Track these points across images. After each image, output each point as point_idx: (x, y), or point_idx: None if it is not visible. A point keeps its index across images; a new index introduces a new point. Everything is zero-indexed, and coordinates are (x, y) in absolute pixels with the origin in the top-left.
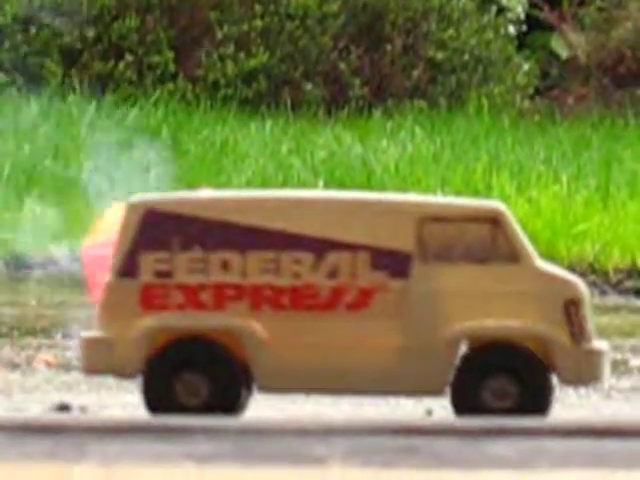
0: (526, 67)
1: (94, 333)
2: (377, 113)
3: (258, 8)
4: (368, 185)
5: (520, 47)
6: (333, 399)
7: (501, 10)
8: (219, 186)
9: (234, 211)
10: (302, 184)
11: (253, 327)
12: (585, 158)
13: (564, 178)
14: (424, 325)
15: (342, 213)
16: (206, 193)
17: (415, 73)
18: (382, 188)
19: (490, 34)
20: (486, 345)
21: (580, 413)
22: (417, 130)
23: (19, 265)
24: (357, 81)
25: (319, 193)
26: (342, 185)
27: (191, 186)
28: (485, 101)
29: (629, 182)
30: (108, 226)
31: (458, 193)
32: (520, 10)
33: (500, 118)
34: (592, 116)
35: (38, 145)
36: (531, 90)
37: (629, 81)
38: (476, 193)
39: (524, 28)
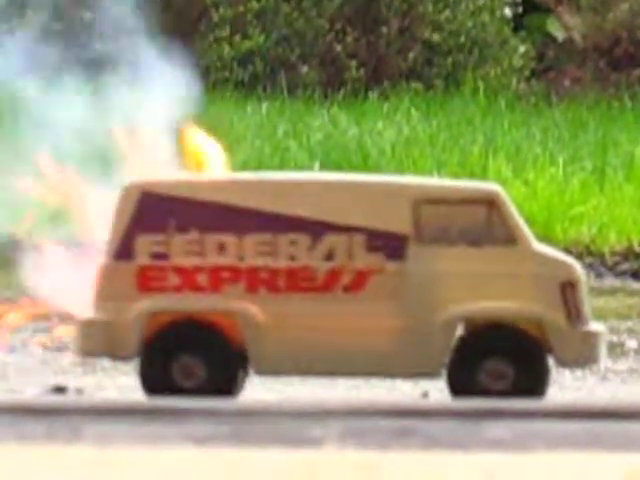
0: (522, 49)
1: (90, 315)
2: (373, 95)
3: None
4: (364, 167)
5: (516, 29)
6: (329, 381)
7: None
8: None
9: (230, 193)
10: (298, 166)
11: (249, 309)
12: (581, 141)
13: (560, 161)
14: (420, 307)
15: (338, 195)
16: (202, 175)
17: (411, 55)
18: (378, 170)
19: (486, 16)
20: (482, 327)
21: (576, 395)
22: (413, 112)
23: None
24: (353, 63)
25: (315, 175)
26: (338, 167)
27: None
28: (481, 83)
29: (625, 164)
30: None
31: (454, 175)
32: None
33: (496, 100)
34: (588, 99)
35: None
36: (527, 72)
37: (625, 63)
38: (472, 175)
39: (520, 10)
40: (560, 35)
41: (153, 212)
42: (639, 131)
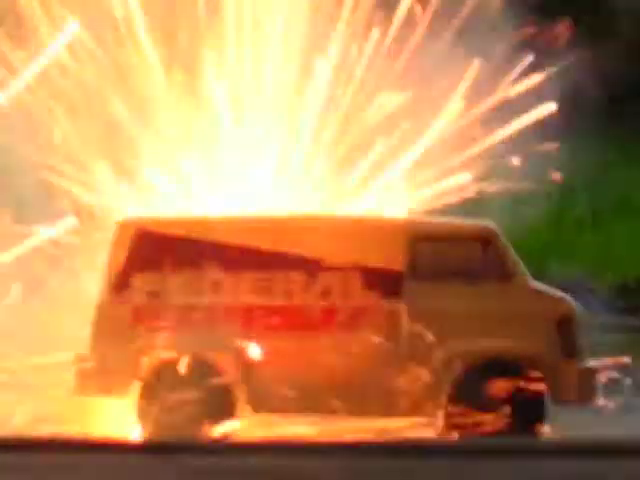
0: None
1: (86, 352)
2: None
3: None
4: None
5: None
6: (326, 419)
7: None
8: None
9: (226, 231)
10: None
11: (245, 347)
12: (576, 177)
13: (555, 195)
14: (417, 344)
15: (334, 233)
16: (197, 213)
17: None
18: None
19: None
20: (479, 364)
21: (572, 432)
22: None
23: None
24: None
25: (310, 213)
26: None
27: None
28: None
29: (620, 200)
30: None
31: (448, 213)
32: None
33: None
34: (582, 133)
35: None
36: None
37: (620, 96)
38: (467, 213)
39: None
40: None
41: (148, 249)
42: (634, 166)
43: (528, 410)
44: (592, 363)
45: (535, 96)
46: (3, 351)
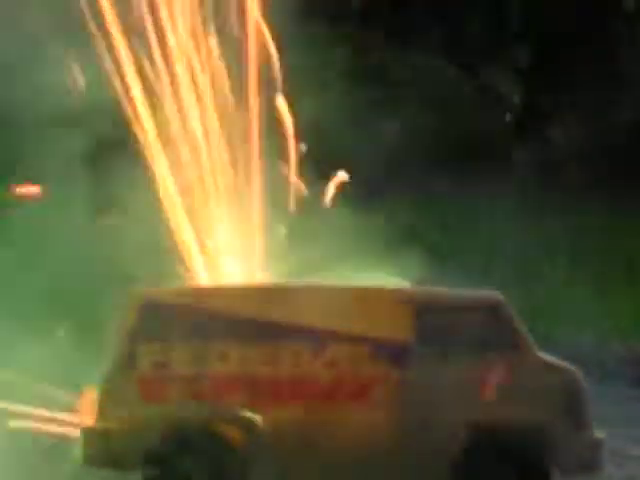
0: (523, 155)
1: (94, 423)
2: None
3: None
4: None
5: (517, 134)
6: None
7: (499, 98)
8: None
9: (233, 302)
10: None
11: (252, 418)
12: (583, 245)
13: (562, 266)
14: (424, 415)
15: (341, 303)
16: (203, 283)
17: None
18: None
19: (487, 122)
20: (486, 434)
21: None
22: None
23: None
24: None
25: (318, 283)
26: None
27: None
28: (483, 188)
29: (627, 269)
30: None
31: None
32: (517, 98)
33: (497, 205)
34: (590, 202)
35: None
36: (528, 177)
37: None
38: (474, 282)
39: (521, 115)
40: (561, 141)
41: (155, 321)
42: None
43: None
44: (599, 434)
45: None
46: None
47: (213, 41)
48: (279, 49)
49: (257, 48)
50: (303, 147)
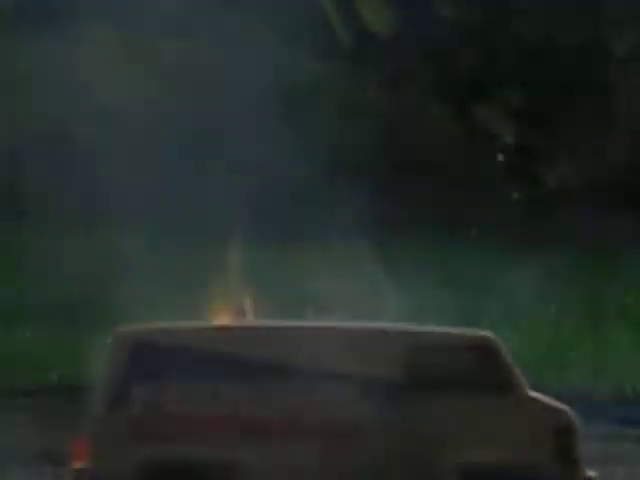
0: (514, 195)
1: (84, 464)
2: None
3: None
4: None
5: (509, 175)
6: None
7: (490, 138)
8: None
9: (224, 342)
10: None
11: (244, 458)
12: (574, 285)
13: (553, 306)
14: (415, 456)
15: (331, 343)
16: (196, 323)
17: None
18: None
19: (479, 162)
20: (477, 476)
21: None
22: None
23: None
24: None
25: (308, 323)
26: None
27: None
28: (474, 228)
29: (618, 309)
30: None
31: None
32: (509, 138)
33: (488, 245)
34: (582, 243)
35: None
36: (519, 218)
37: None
38: (465, 322)
39: (513, 156)
40: (552, 182)
41: (146, 360)
42: (631, 276)
43: None
44: (590, 473)
45: None
46: None
47: None
48: None
49: None
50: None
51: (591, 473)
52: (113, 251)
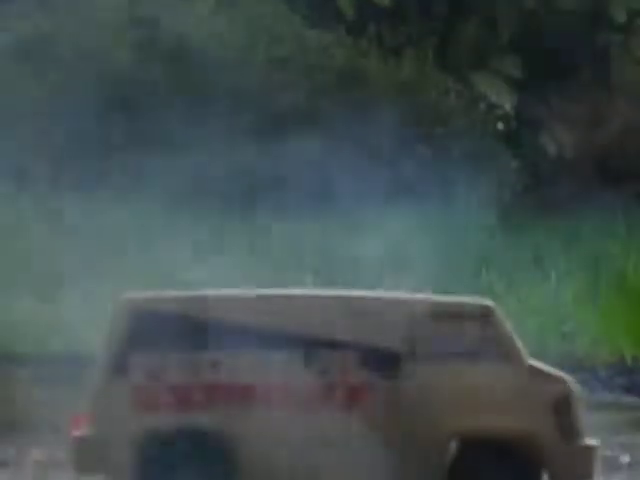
0: (515, 164)
1: (86, 432)
2: None
3: None
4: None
5: (509, 144)
6: None
7: (490, 107)
8: None
9: (224, 310)
10: None
11: (245, 426)
12: (574, 255)
13: (553, 275)
14: (415, 424)
15: (332, 311)
16: (196, 292)
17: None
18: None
19: (479, 131)
20: (477, 443)
21: None
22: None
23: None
24: None
25: (308, 291)
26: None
27: None
28: (474, 197)
29: (618, 278)
30: None
31: (447, 290)
32: (509, 107)
33: (489, 214)
34: (581, 212)
35: None
36: (520, 187)
37: (618, 177)
38: (466, 290)
39: (513, 125)
40: (552, 150)
41: (147, 329)
42: (631, 245)
43: None
44: (591, 441)
45: None
46: None
47: None
48: None
49: None
50: None
51: (592, 441)
52: (115, 219)
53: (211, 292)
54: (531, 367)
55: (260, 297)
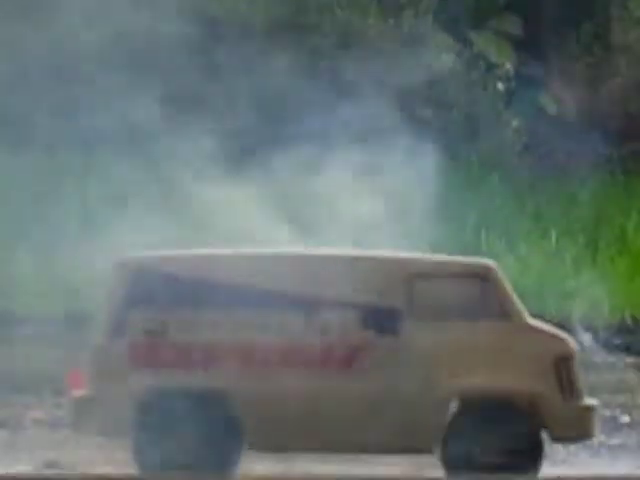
0: (515, 124)
1: (83, 392)
2: None
3: None
4: None
5: (509, 103)
6: (324, 456)
7: (490, 67)
8: None
9: (224, 269)
10: None
11: (243, 385)
12: (574, 215)
13: (553, 235)
14: (414, 382)
15: (332, 270)
16: (195, 251)
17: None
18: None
19: (478, 90)
20: (476, 402)
21: (569, 470)
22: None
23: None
24: None
25: (308, 250)
26: None
27: None
28: (474, 157)
29: (618, 238)
30: None
31: (447, 250)
32: (509, 67)
33: (489, 174)
34: (581, 172)
35: None
36: (519, 146)
37: (618, 137)
38: (465, 250)
39: (513, 85)
40: (553, 109)
41: (146, 288)
42: (632, 205)
43: (526, 448)
44: (590, 401)
45: None
46: None
47: None
48: None
49: None
50: None
51: (591, 401)
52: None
53: (211, 251)
54: (531, 326)
55: (260, 256)
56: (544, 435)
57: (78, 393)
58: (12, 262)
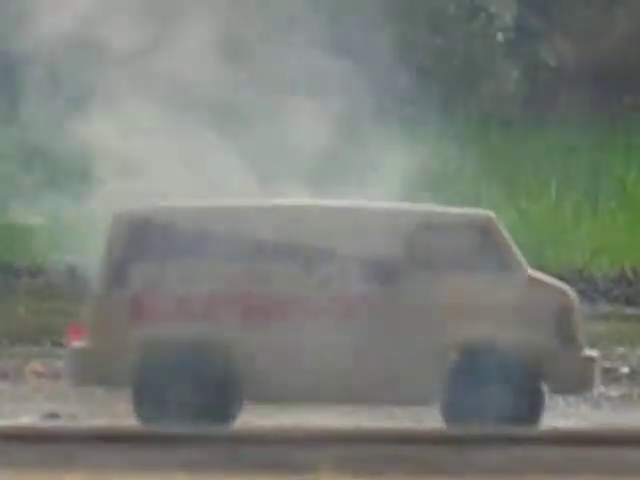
0: (514, 74)
1: (83, 344)
2: None
3: None
4: None
5: (508, 55)
6: (323, 408)
7: (490, 18)
8: None
9: (225, 221)
10: None
11: (243, 337)
12: (573, 166)
13: (552, 186)
14: (414, 334)
15: (331, 222)
16: (195, 202)
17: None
18: None
19: (478, 41)
20: (476, 353)
21: (569, 421)
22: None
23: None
24: None
25: (308, 202)
26: None
27: None
28: (474, 108)
29: (618, 190)
30: None
31: (446, 201)
32: (509, 18)
33: (488, 125)
34: (580, 124)
35: None
36: (520, 98)
37: (618, 89)
38: (464, 201)
39: (512, 36)
40: (552, 60)
41: (146, 240)
42: (631, 157)
43: (526, 399)
44: (590, 352)
45: None
46: None
47: None
48: None
49: None
50: None
51: (591, 352)
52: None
53: (210, 202)
54: (531, 278)
55: (260, 208)
56: (544, 386)
57: (78, 344)
58: (11, 215)
